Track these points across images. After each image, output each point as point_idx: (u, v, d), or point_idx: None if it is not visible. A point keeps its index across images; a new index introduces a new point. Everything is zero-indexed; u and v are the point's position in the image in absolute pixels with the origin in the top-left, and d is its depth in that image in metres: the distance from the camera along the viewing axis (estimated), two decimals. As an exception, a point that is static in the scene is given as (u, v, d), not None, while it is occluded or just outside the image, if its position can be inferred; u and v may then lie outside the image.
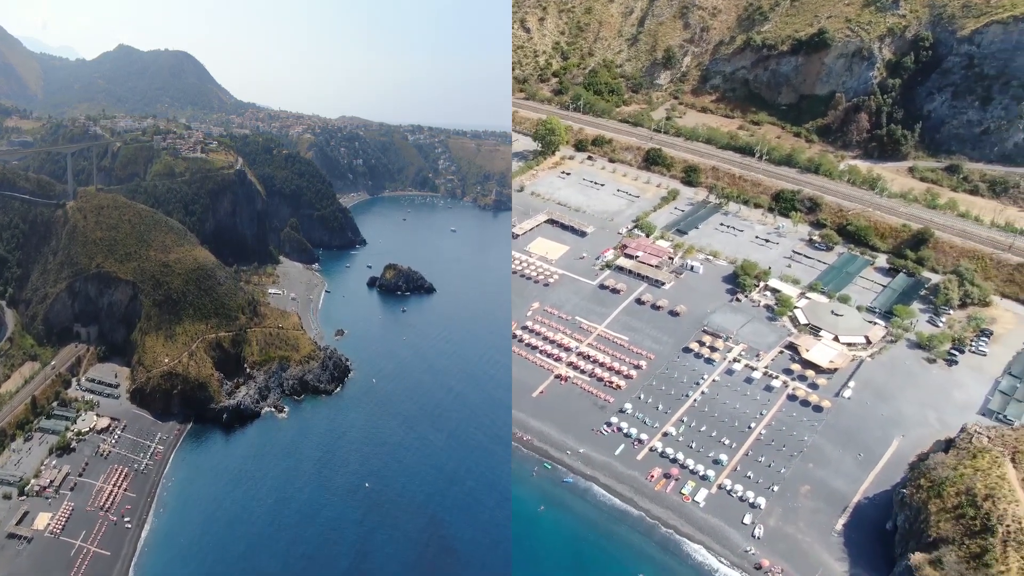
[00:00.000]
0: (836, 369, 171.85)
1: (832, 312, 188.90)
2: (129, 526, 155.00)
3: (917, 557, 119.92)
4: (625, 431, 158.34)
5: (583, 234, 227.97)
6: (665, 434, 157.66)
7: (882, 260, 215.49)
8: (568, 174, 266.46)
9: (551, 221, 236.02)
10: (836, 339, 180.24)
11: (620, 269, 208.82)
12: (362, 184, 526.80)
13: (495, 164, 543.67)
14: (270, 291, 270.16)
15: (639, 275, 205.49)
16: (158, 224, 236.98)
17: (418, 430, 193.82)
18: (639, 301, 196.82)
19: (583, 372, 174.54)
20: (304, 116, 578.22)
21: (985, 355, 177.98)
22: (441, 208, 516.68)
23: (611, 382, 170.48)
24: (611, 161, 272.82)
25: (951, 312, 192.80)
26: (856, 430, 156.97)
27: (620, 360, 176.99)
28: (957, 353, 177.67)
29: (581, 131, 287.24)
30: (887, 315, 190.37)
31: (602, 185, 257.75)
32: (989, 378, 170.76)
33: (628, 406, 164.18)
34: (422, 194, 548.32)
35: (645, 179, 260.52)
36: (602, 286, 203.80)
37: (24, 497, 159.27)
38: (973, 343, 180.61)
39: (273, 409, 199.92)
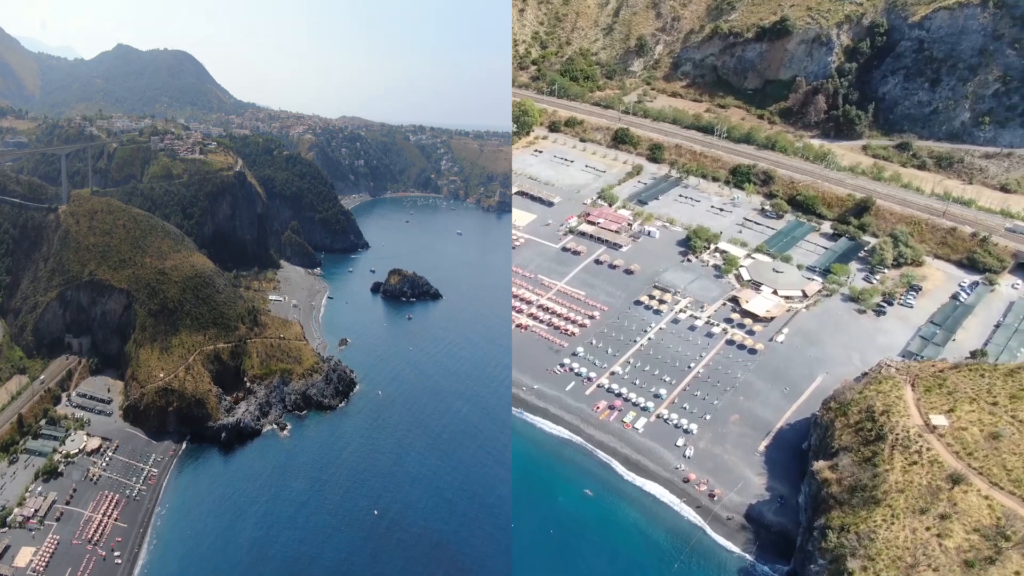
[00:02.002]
0: (773, 318, 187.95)
1: (773, 269, 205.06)
2: (119, 562, 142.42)
3: (819, 464, 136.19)
4: (576, 371, 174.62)
5: (550, 204, 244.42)
6: (612, 373, 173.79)
7: (827, 227, 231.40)
8: (540, 152, 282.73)
9: (521, 193, 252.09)
10: (775, 293, 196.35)
11: (582, 234, 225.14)
12: (364, 185, 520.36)
13: (498, 165, 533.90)
14: (271, 297, 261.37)
15: (599, 239, 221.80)
16: (154, 229, 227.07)
17: (427, 450, 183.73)
18: (597, 261, 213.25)
19: (541, 321, 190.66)
20: (304, 116, 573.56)
21: (912, 307, 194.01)
22: (444, 210, 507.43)
23: (566, 330, 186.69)
24: (582, 140, 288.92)
25: (885, 271, 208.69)
26: (785, 369, 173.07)
27: (576, 311, 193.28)
28: (886, 305, 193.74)
29: (555, 113, 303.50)
30: (825, 273, 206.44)
31: (571, 162, 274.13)
32: (913, 326, 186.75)
33: (580, 350, 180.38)
34: (424, 195, 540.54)
35: (613, 156, 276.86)
36: (564, 248, 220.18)
37: (6, 529, 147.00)
38: (902, 297, 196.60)
39: (275, 427, 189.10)
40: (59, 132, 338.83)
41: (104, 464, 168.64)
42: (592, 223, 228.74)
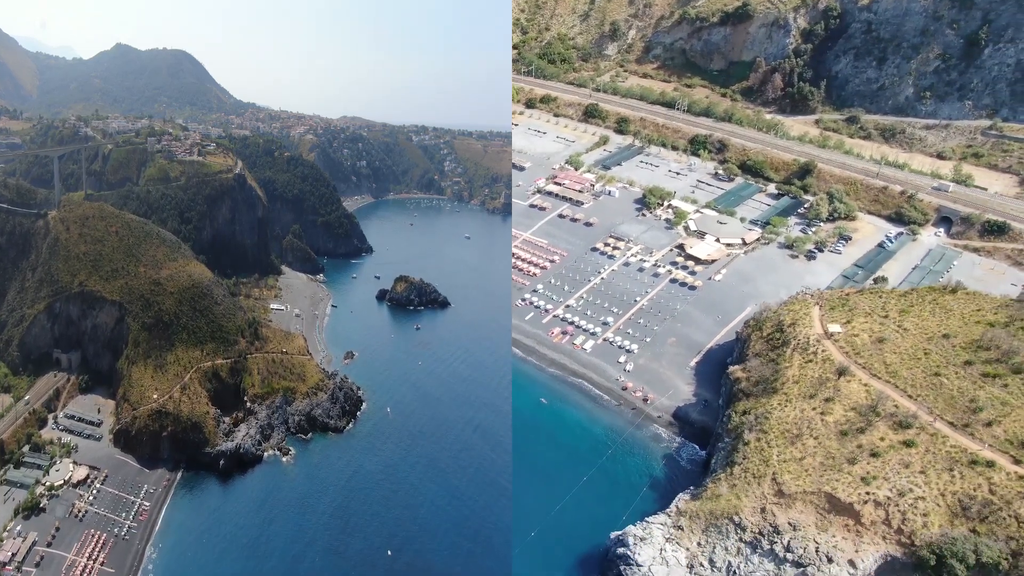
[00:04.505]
0: (714, 261, 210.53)
1: (718, 221, 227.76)
2: None
3: (733, 367, 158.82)
4: (535, 304, 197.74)
5: (521, 169, 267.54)
6: (567, 306, 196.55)
7: (772, 188, 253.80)
8: (516, 125, 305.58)
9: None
10: (717, 240, 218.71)
11: (548, 193, 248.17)
12: (366, 187, 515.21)
13: (502, 166, 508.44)
14: (272, 306, 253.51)
15: (563, 197, 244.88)
16: (149, 236, 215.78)
17: (441, 476, 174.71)
18: (560, 216, 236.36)
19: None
20: (305, 116, 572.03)
21: (840, 253, 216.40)
22: (448, 212, 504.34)
23: (528, 271, 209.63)
24: (555, 116, 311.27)
25: (821, 224, 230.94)
26: (719, 301, 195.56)
27: (538, 256, 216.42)
28: (817, 252, 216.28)
29: (531, 91, 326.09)
30: (765, 225, 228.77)
31: (544, 133, 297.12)
32: (839, 268, 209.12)
33: (540, 287, 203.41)
34: (428, 196, 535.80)
35: (583, 129, 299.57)
36: (531, 206, 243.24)
37: None
38: (832, 245, 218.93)
39: (277, 452, 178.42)
40: (53, 133, 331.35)
41: (91, 497, 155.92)
42: (558, 184, 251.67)
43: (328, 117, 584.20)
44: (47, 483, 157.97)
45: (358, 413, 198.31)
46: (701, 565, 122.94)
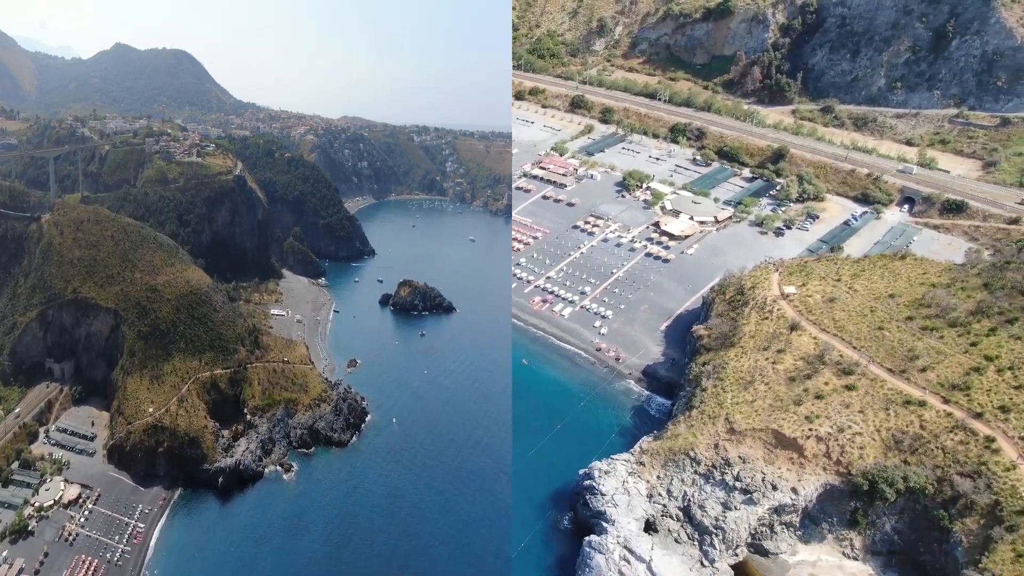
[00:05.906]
0: (687, 237, 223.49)
1: (692, 201, 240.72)
2: None
3: (697, 326, 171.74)
4: (518, 275, 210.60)
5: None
6: (548, 277, 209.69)
7: (747, 172, 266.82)
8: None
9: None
10: (691, 218, 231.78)
11: (533, 177, 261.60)
12: (367, 188, 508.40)
13: (504, 166, 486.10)
14: (273, 312, 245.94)
15: (548, 180, 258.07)
16: (145, 240, 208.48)
17: (447, 499, 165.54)
18: (544, 197, 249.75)
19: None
20: (306, 116, 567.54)
21: (807, 231, 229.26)
22: (451, 213, 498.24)
23: (512, 247, 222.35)
24: (543, 107, 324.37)
25: (791, 204, 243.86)
26: (691, 273, 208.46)
27: (522, 233, 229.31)
28: (786, 229, 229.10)
29: (520, 84, 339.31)
30: (737, 205, 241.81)
31: (532, 123, 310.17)
32: (805, 244, 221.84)
33: (523, 260, 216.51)
34: (430, 198, 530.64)
35: (569, 119, 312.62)
36: (517, 188, 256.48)
37: None
38: (800, 223, 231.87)
39: (279, 468, 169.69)
40: (50, 133, 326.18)
41: (82, 519, 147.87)
42: (543, 168, 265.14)
43: (328, 117, 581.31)
44: (36, 504, 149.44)
45: (362, 426, 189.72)
46: (659, 494, 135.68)
